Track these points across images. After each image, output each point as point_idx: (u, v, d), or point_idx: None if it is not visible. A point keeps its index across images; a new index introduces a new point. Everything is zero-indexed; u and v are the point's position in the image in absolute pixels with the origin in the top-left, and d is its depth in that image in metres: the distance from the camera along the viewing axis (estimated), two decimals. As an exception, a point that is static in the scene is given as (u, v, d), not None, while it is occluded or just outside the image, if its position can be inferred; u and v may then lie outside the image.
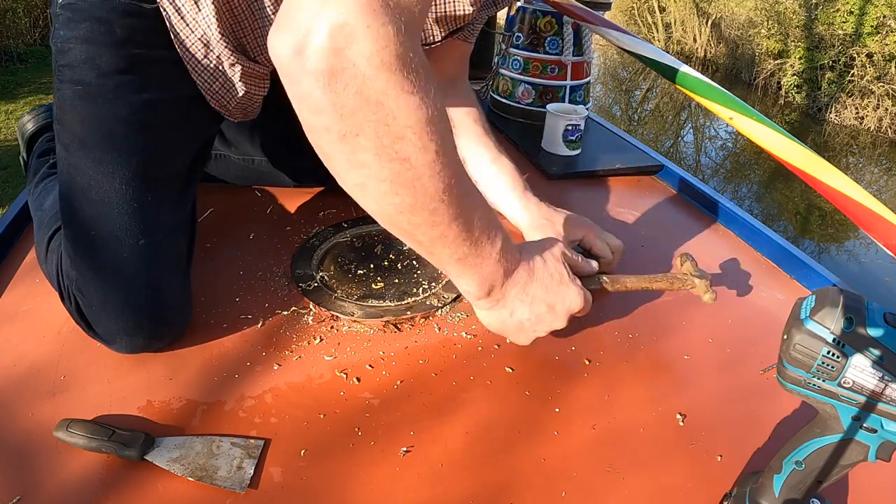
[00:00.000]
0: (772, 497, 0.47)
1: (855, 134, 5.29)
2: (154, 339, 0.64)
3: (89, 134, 0.63)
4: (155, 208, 0.65)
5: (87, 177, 0.63)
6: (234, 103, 0.73)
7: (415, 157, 0.46)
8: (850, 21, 5.52)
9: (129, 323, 0.62)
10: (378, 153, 0.45)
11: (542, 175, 1.11)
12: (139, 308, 0.62)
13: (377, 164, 0.46)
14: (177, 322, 0.66)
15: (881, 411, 0.40)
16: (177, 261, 0.68)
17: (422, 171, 0.47)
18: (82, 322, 0.64)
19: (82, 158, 0.63)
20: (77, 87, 0.64)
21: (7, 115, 3.77)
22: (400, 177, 0.47)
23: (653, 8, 7.59)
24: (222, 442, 0.55)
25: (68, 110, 0.64)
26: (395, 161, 0.46)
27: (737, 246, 0.95)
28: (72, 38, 0.63)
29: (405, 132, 0.45)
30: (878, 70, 5.34)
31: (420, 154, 0.46)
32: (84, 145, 0.63)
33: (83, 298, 0.63)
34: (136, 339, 0.63)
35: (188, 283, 0.70)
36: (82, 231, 0.63)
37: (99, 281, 0.63)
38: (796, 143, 0.64)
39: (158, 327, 0.64)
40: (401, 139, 0.45)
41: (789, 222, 3.83)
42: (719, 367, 0.69)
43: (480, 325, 0.72)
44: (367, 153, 0.45)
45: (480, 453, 0.56)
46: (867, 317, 0.40)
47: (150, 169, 0.65)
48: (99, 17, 0.63)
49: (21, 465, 0.52)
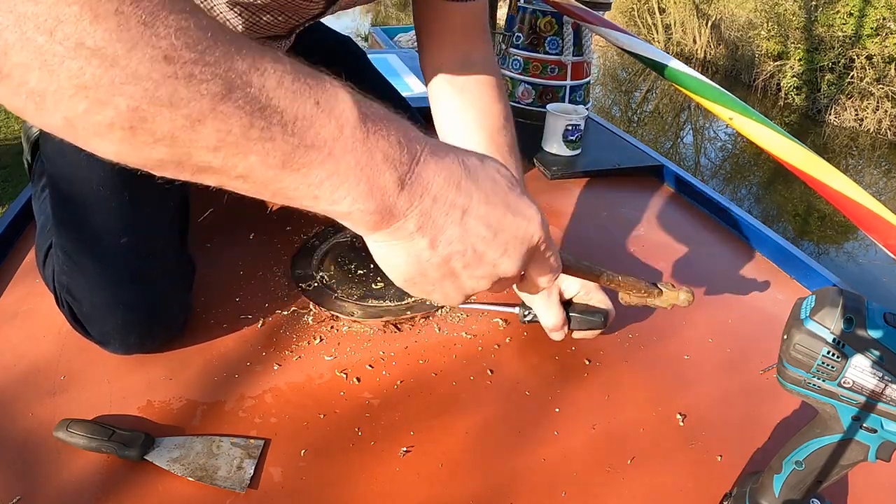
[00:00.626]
0: (772, 497, 0.47)
1: (854, 136, 5.29)
2: (147, 338, 0.64)
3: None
4: (134, 205, 0.65)
5: (67, 180, 0.63)
6: None
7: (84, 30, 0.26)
8: (849, 23, 5.52)
9: (119, 321, 0.62)
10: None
11: (542, 175, 1.11)
12: (127, 305, 0.62)
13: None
14: (169, 319, 0.66)
15: (881, 411, 0.40)
16: (164, 256, 0.67)
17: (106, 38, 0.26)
18: (77, 325, 0.64)
19: (61, 161, 0.63)
20: None
21: (7, 115, 3.77)
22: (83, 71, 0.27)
23: (653, 9, 7.59)
24: (222, 442, 0.55)
25: None
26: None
27: (737, 246, 0.95)
28: None
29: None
30: (878, 72, 5.33)
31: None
32: (61, 151, 0.63)
33: (74, 301, 0.63)
34: (128, 337, 0.63)
35: (183, 281, 0.69)
36: (69, 233, 0.64)
37: (87, 281, 0.63)
38: (796, 143, 0.64)
39: (150, 325, 0.63)
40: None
41: (789, 223, 3.83)
42: (719, 367, 0.69)
43: (480, 325, 0.72)
44: None
45: (480, 453, 0.56)
46: (867, 317, 0.40)
47: (126, 167, 0.64)
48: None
49: (21, 464, 0.52)
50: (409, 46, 2.03)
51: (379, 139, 0.34)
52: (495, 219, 0.38)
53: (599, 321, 0.67)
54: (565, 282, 0.67)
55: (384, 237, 0.37)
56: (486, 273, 0.40)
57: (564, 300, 0.68)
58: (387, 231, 0.36)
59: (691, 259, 0.89)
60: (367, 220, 0.35)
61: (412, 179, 0.35)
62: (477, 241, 0.38)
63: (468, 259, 0.38)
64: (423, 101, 1.31)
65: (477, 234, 0.38)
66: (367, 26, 8.13)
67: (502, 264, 0.39)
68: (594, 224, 0.96)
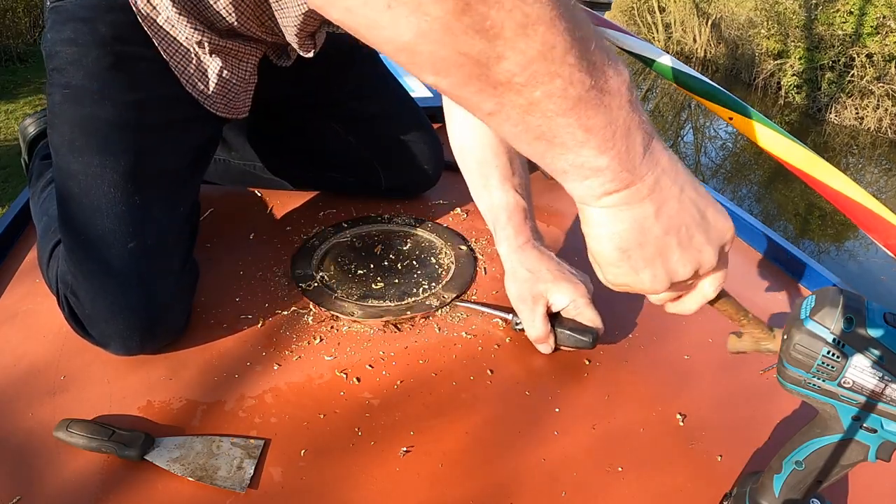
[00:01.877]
0: (772, 497, 0.47)
1: (854, 134, 5.29)
2: (148, 341, 0.63)
3: (77, 137, 0.63)
4: (144, 211, 0.64)
5: (76, 181, 0.63)
6: (211, 88, 0.70)
7: None
8: (849, 21, 5.52)
9: (121, 325, 0.62)
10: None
11: (542, 175, 1.11)
12: (131, 310, 0.62)
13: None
14: (172, 323, 0.66)
15: (881, 411, 0.40)
16: (170, 262, 0.67)
17: None
18: (77, 326, 0.64)
19: (72, 162, 0.63)
20: (65, 91, 0.63)
21: (7, 115, 3.77)
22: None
23: (652, 8, 7.59)
24: (222, 442, 0.55)
25: (58, 114, 0.64)
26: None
27: (737, 246, 0.95)
28: (58, 40, 0.63)
29: None
30: (878, 70, 5.33)
31: None
32: (73, 149, 0.63)
33: (77, 302, 0.63)
34: (130, 341, 0.62)
35: (187, 285, 0.69)
36: (76, 235, 0.63)
37: (92, 283, 0.62)
38: (796, 143, 0.64)
39: (152, 328, 0.63)
40: None
41: (789, 222, 3.83)
42: (719, 367, 0.69)
43: (480, 325, 0.72)
44: None
45: (480, 453, 0.56)
46: (867, 317, 0.40)
47: (138, 170, 0.65)
48: (83, 17, 0.63)
49: (21, 464, 0.52)
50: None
51: (638, 106, 0.36)
52: (702, 205, 0.40)
53: (588, 342, 0.65)
54: (554, 294, 0.66)
55: (616, 200, 0.38)
56: (692, 259, 0.41)
57: (551, 313, 0.67)
58: (622, 193, 0.37)
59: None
60: (609, 179, 0.37)
61: (651, 149, 0.37)
62: (690, 222, 0.40)
63: (682, 237, 0.40)
64: (424, 102, 1.31)
65: (691, 214, 0.39)
66: (366, 25, 8.08)
67: (706, 252, 0.41)
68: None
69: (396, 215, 0.92)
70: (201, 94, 0.70)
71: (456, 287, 0.77)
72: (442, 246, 0.86)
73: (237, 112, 0.76)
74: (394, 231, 0.89)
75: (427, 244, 0.87)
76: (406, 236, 0.88)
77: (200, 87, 0.70)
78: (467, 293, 0.77)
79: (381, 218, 0.91)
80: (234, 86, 0.72)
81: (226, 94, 0.72)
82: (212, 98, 0.71)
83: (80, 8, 0.63)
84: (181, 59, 0.67)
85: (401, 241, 0.87)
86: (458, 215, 0.95)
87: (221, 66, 0.69)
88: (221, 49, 0.68)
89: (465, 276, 0.80)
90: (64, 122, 0.64)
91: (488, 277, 0.81)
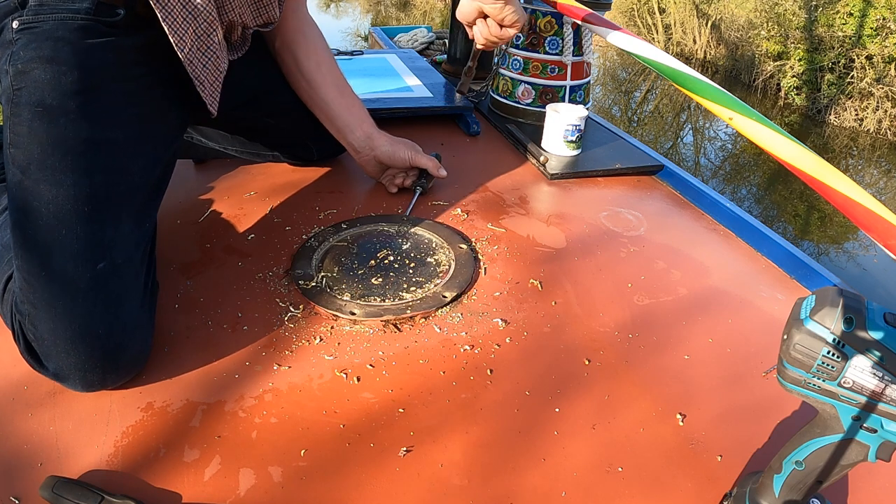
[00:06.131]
0: (772, 497, 0.47)
1: (854, 136, 5.29)
2: (111, 372, 0.59)
3: (49, 155, 0.62)
4: (114, 227, 0.63)
5: (43, 200, 0.61)
6: (189, 34, 0.70)
7: None
8: (850, 23, 5.52)
9: (83, 355, 0.58)
10: None
11: (542, 175, 1.11)
12: (96, 336, 0.59)
13: None
14: (135, 350, 0.62)
15: (881, 411, 0.40)
16: (137, 281, 0.65)
17: None
18: (32, 359, 0.60)
19: (40, 182, 0.61)
20: (37, 109, 0.62)
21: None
22: None
23: (653, 9, 7.59)
24: None
25: (25, 133, 0.62)
26: None
27: (737, 246, 0.95)
28: (35, 58, 0.63)
29: None
30: (878, 72, 5.34)
31: None
32: (43, 167, 0.61)
33: (35, 331, 0.59)
34: (91, 374, 0.59)
35: (149, 307, 0.66)
36: (37, 259, 0.60)
37: (54, 310, 0.59)
38: (796, 143, 0.64)
39: (116, 357, 0.60)
40: None
41: (789, 223, 3.84)
42: (719, 367, 0.69)
43: (480, 325, 0.72)
44: None
45: (480, 453, 0.56)
46: (867, 317, 0.40)
47: (111, 186, 0.64)
48: (61, 36, 0.63)
49: (21, 465, 0.52)
50: (409, 46, 2.03)
51: None
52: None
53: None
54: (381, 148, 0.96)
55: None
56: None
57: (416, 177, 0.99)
58: None
59: (691, 259, 0.89)
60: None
61: None
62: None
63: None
64: (424, 102, 1.31)
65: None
66: (367, 26, 8.12)
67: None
68: (594, 224, 0.96)
69: (396, 215, 0.92)
70: (181, 39, 0.71)
71: (456, 286, 0.77)
72: (441, 245, 0.86)
73: (212, 89, 0.78)
74: (393, 231, 0.89)
75: (426, 244, 0.87)
76: (406, 236, 0.88)
77: (182, 32, 0.70)
78: (468, 293, 0.77)
79: (381, 217, 0.91)
80: (208, 50, 0.75)
81: (205, 52, 0.75)
82: (190, 51, 0.73)
83: (59, 28, 0.63)
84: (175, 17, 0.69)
85: (400, 241, 0.87)
86: (457, 215, 0.95)
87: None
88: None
89: (464, 275, 0.80)
90: (32, 142, 0.62)
91: (488, 277, 0.81)
